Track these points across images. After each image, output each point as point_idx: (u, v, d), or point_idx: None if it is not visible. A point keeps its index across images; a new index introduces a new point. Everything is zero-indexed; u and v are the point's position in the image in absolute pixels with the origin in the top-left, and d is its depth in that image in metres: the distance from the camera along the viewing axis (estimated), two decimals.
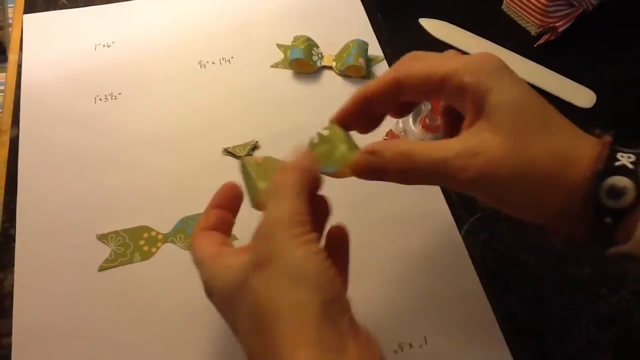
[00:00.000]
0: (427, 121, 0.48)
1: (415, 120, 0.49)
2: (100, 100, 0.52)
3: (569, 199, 0.29)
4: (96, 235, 0.44)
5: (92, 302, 0.41)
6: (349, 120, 0.34)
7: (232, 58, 0.56)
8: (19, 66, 0.54)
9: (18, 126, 0.49)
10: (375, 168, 0.32)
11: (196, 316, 0.40)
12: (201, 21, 0.59)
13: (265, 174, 0.32)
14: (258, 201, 0.32)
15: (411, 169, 0.31)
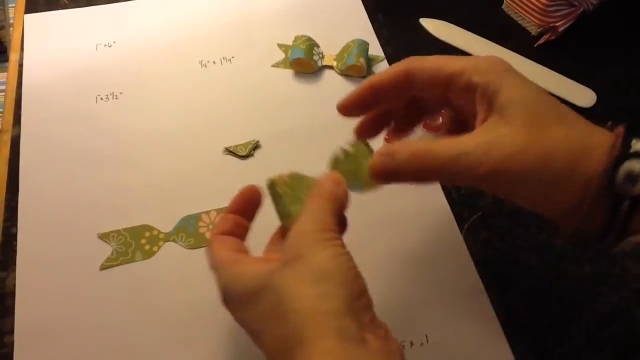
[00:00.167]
0: (428, 121, 0.48)
1: None
2: (101, 99, 0.52)
3: (585, 189, 0.29)
4: (98, 234, 0.44)
5: (94, 301, 0.41)
6: (356, 110, 0.35)
7: (233, 58, 0.56)
8: (20, 66, 0.54)
9: (19, 125, 0.49)
10: (391, 169, 0.32)
11: (197, 315, 0.40)
12: (202, 21, 0.59)
13: (294, 196, 0.33)
14: (289, 224, 0.33)
15: (427, 167, 0.31)
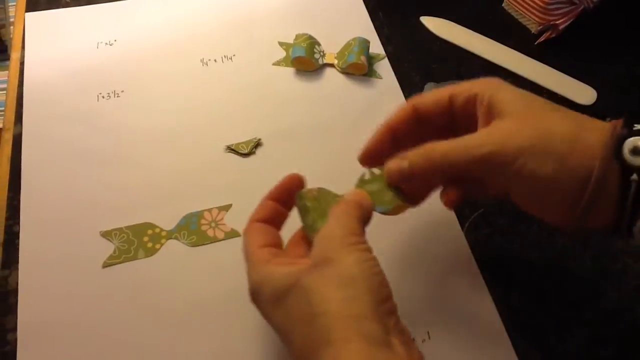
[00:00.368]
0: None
1: None
2: (102, 97, 0.52)
3: (590, 163, 0.30)
4: (100, 232, 0.44)
5: (96, 298, 0.41)
6: (377, 155, 0.37)
7: (234, 56, 0.56)
8: (22, 64, 0.54)
9: (21, 124, 0.50)
10: (406, 172, 0.35)
11: (200, 312, 0.41)
12: (203, 19, 0.59)
13: (321, 210, 0.35)
14: (314, 236, 0.34)
15: (433, 165, 0.34)
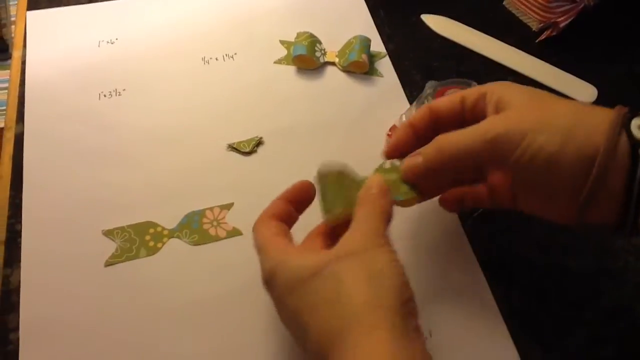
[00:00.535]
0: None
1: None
2: (104, 96, 0.52)
3: (596, 139, 0.31)
4: (102, 230, 0.44)
5: (98, 297, 0.41)
6: (400, 151, 0.39)
7: (236, 54, 0.56)
8: (23, 63, 0.54)
9: (23, 122, 0.50)
10: (421, 168, 0.36)
11: (202, 311, 0.41)
12: (204, 17, 0.59)
13: (339, 193, 0.35)
14: (329, 219, 0.34)
15: (444, 154, 0.35)
